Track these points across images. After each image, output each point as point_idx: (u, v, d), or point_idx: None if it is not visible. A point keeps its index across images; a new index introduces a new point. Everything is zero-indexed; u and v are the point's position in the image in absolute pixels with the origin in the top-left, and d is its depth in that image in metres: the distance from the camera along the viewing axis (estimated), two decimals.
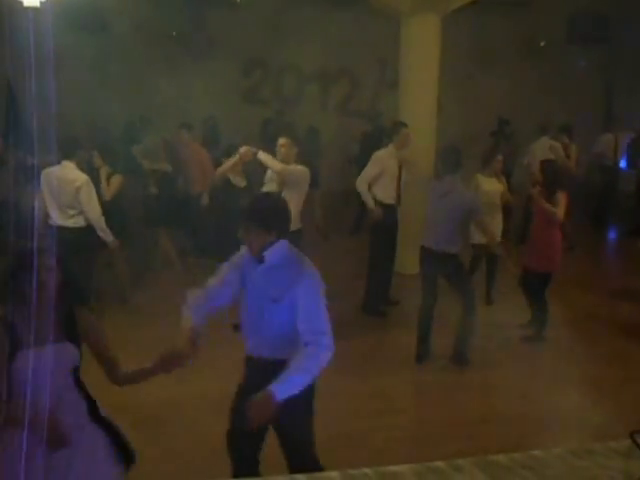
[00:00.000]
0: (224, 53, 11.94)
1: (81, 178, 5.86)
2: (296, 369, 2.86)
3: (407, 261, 7.37)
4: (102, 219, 5.93)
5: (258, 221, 3.03)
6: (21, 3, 7.83)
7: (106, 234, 5.96)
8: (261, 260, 3.08)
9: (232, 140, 9.33)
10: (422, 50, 7.68)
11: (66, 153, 5.87)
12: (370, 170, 6.55)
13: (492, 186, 6.66)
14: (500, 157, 6.91)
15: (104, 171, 6.55)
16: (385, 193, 6.57)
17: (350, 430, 4.60)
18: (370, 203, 6.51)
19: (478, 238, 6.28)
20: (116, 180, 6.60)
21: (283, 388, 2.78)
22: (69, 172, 5.86)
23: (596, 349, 6.04)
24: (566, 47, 12.91)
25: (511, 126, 10.42)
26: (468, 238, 6.34)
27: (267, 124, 10.87)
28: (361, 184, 6.55)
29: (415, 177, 6.77)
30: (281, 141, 5.76)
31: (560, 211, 5.79)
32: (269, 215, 3.06)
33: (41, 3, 7.91)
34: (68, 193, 5.83)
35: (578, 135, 9.74)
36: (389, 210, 6.62)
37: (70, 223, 5.91)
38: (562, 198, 5.82)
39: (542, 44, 12.69)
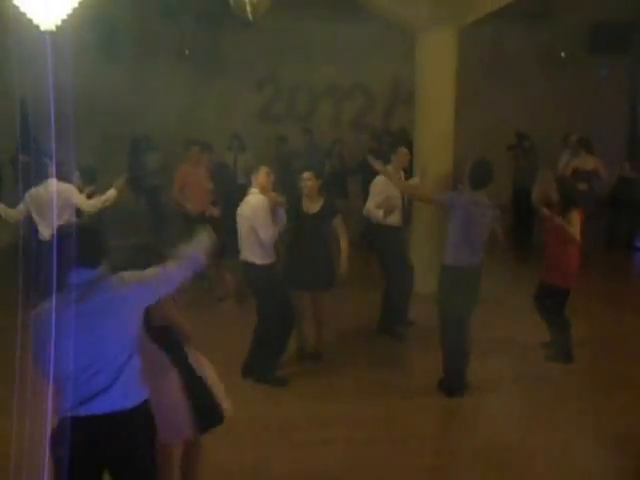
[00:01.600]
0: (237, 71, 11.96)
1: (67, 187, 6.08)
2: None
3: (421, 280, 7.21)
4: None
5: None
6: (37, 27, 7.92)
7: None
8: None
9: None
10: (438, 64, 7.53)
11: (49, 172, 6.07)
12: (376, 198, 6.32)
13: None
14: None
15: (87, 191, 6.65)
16: (390, 217, 6.35)
17: (364, 458, 4.45)
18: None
19: None
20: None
21: None
22: (55, 186, 6.02)
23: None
24: (587, 57, 12.68)
25: (530, 140, 10.21)
26: None
27: (280, 143, 10.92)
28: (371, 211, 6.36)
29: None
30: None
31: (576, 230, 5.68)
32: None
33: (57, 27, 8.00)
34: (60, 206, 6.01)
35: (606, 148, 9.52)
36: (397, 233, 6.50)
37: None
38: (577, 216, 5.71)
39: (562, 55, 12.47)
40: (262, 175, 5.43)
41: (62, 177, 6.14)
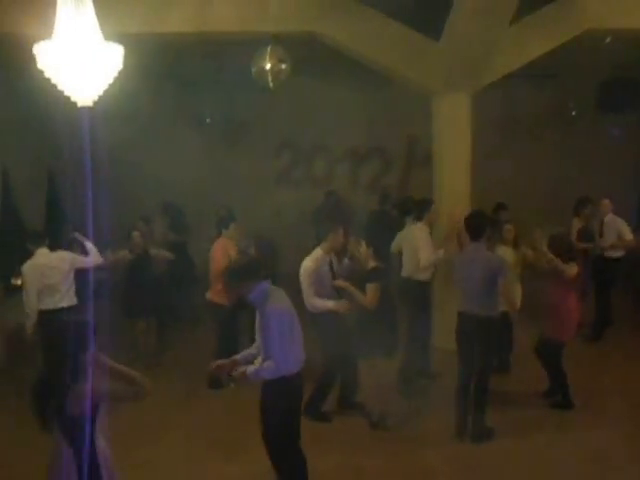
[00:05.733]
0: (257, 137, 12.27)
1: (65, 255, 6.58)
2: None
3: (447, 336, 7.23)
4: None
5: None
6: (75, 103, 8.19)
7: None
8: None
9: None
10: (454, 126, 7.80)
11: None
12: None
13: (507, 255, 6.53)
14: (510, 227, 6.97)
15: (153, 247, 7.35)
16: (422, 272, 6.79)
17: None
18: None
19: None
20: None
21: (250, 371, 4.47)
22: (56, 255, 6.55)
23: None
24: (598, 116, 12.84)
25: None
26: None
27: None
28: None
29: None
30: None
31: (572, 270, 5.91)
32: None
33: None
34: (62, 272, 6.44)
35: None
36: (425, 286, 6.89)
37: (65, 303, 6.43)
38: (574, 266, 5.97)
39: (573, 114, 12.64)
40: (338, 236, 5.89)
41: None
